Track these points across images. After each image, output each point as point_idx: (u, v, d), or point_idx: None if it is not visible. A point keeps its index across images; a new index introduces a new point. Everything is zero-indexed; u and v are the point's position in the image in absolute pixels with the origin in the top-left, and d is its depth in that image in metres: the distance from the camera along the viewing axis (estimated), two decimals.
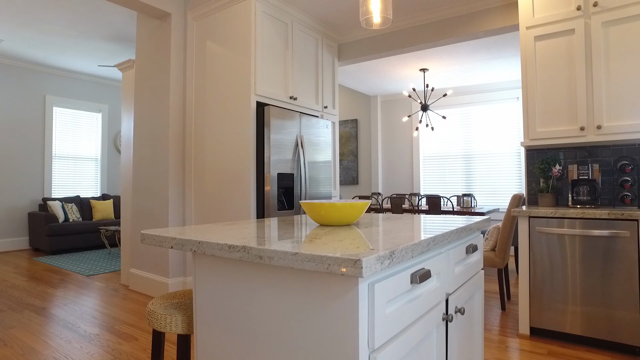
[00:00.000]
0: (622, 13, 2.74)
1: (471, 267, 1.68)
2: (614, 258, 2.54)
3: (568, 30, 2.93)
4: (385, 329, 0.99)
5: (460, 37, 3.89)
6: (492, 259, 3.37)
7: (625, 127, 2.72)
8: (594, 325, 2.60)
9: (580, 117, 2.85)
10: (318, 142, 3.99)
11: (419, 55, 5.14)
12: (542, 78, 3.01)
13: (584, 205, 2.86)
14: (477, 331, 1.82)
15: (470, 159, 6.50)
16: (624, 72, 2.74)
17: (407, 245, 1.05)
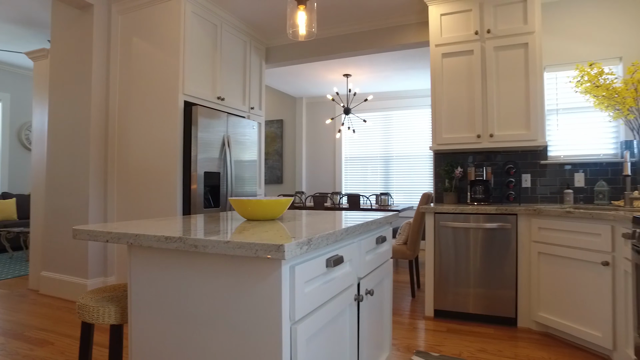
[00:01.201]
0: (508, 41, 3.22)
1: (381, 256, 1.94)
2: (501, 247, 2.99)
3: (468, 51, 3.36)
4: (304, 305, 1.17)
5: (380, 48, 4.23)
6: (404, 251, 3.73)
7: (511, 136, 3.20)
8: (484, 304, 3.03)
9: (477, 126, 3.30)
10: (244, 142, 4.10)
11: (343, 62, 5.44)
12: (448, 90, 3.42)
13: (480, 202, 3.31)
14: (386, 311, 2.09)
15: (388, 160, 6.98)
16: (510, 90, 3.22)
17: (322, 234, 1.24)
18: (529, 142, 3.15)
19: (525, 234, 2.94)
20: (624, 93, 2.87)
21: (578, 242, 2.57)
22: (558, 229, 2.71)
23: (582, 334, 2.55)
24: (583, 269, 2.56)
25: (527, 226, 2.94)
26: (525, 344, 2.69)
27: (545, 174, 3.46)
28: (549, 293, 2.79)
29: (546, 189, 3.45)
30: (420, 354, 2.53)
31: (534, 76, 3.15)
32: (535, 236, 2.87)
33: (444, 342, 2.73)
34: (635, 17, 3.27)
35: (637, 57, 3.25)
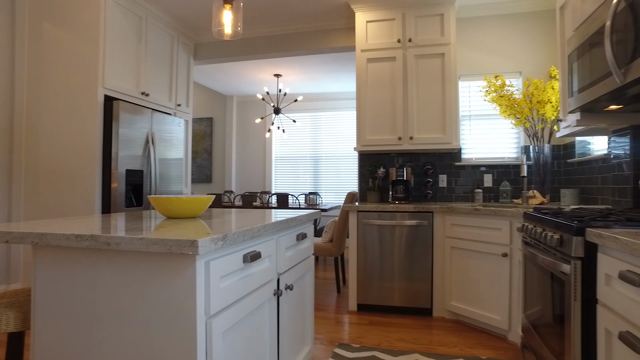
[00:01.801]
0: (427, 50, 3.46)
1: (302, 252, 2.00)
2: (419, 242, 3.20)
3: (391, 58, 3.55)
4: (220, 299, 1.20)
5: (309, 50, 4.32)
6: (329, 249, 3.85)
7: (429, 139, 3.44)
8: (404, 297, 3.23)
9: (398, 129, 3.50)
10: (170, 139, 3.98)
11: (273, 62, 5.47)
12: (372, 94, 3.59)
13: (400, 201, 3.51)
14: (308, 306, 2.16)
15: (318, 160, 7.12)
16: (428, 96, 3.46)
17: (239, 230, 1.28)
18: (444, 145, 3.41)
19: (440, 230, 3.18)
20: (522, 104, 3.21)
21: (484, 237, 2.84)
22: (468, 225, 2.96)
23: (486, 318, 2.82)
24: (487, 261, 2.82)
25: (442, 223, 3.18)
26: (439, 331, 2.91)
27: (460, 174, 3.76)
28: (459, 284, 3.04)
29: (460, 189, 3.75)
30: (342, 346, 2.64)
31: (450, 84, 3.41)
32: (449, 232, 3.11)
33: (365, 334, 2.87)
34: (534, 38, 3.66)
35: (533, 72, 3.65)
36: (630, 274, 1.14)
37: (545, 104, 3.13)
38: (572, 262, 1.48)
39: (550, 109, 3.13)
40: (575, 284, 1.46)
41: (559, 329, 1.62)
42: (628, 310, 1.17)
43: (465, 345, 2.67)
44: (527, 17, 3.69)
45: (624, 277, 1.16)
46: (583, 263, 1.45)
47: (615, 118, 2.15)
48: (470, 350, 2.59)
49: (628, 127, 2.24)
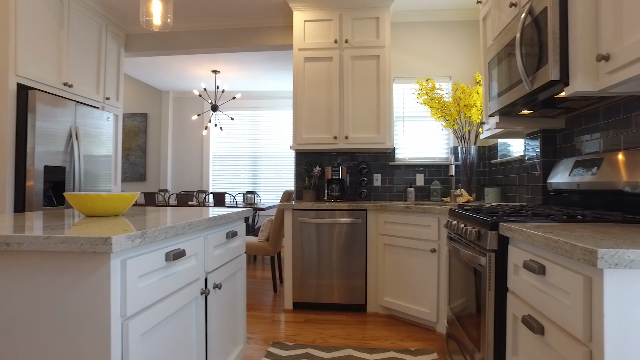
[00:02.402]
0: (363, 52, 3.55)
1: (232, 251, 1.97)
2: (353, 240, 3.27)
3: (328, 58, 3.60)
4: (138, 300, 1.14)
5: (247, 47, 4.26)
6: (265, 248, 3.83)
7: (364, 139, 3.52)
8: (339, 294, 3.28)
9: (334, 128, 3.55)
10: (98, 135, 3.75)
11: (211, 57, 5.33)
12: (308, 93, 3.61)
13: (336, 199, 3.57)
14: (240, 305, 2.13)
15: (257, 159, 7.05)
16: (364, 96, 3.55)
17: (160, 227, 1.23)
18: (379, 145, 3.51)
19: (373, 227, 3.27)
20: (451, 106, 3.39)
21: (414, 233, 2.96)
22: (400, 223, 3.07)
23: (416, 312, 2.94)
24: (417, 257, 2.95)
25: (375, 221, 3.27)
26: (372, 326, 2.99)
27: (394, 173, 3.89)
28: (392, 280, 3.15)
29: (394, 187, 3.88)
30: (277, 344, 2.63)
31: (384, 86, 3.52)
32: (382, 229, 3.21)
33: (300, 332, 2.88)
34: (462, 45, 3.88)
35: (462, 77, 3.87)
36: (531, 262, 1.24)
37: (471, 108, 3.33)
38: (487, 255, 1.58)
39: (475, 113, 3.33)
40: (490, 275, 1.57)
41: (477, 317, 1.73)
42: (529, 295, 1.28)
43: (396, 338, 2.77)
44: (457, 26, 3.91)
45: (527, 266, 1.26)
46: (497, 255, 1.56)
47: (528, 122, 2.33)
48: (401, 343, 2.68)
49: (539, 130, 2.45)
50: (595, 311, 0.96)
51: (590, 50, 1.49)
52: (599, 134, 2.01)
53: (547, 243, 1.13)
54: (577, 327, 1.01)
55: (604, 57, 1.39)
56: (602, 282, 0.94)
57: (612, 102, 1.91)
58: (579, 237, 1.08)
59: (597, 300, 0.96)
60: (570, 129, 2.28)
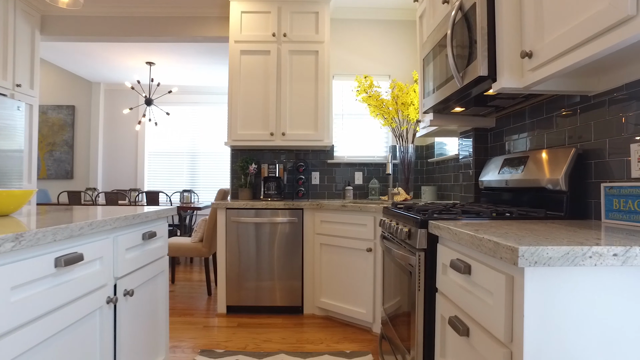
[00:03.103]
0: (302, 47, 3.45)
1: (150, 253, 1.79)
2: (289, 240, 3.16)
3: (266, 51, 3.47)
4: (9, 317, 0.96)
5: (182, 37, 4.01)
6: (199, 249, 3.62)
7: (302, 136, 3.43)
8: (275, 296, 3.16)
9: (271, 124, 3.42)
10: (5, 127, 3.35)
11: (145, 47, 5.00)
12: (245, 87, 3.46)
13: (272, 198, 3.45)
14: (161, 311, 1.95)
15: (195, 156, 6.75)
16: (302, 92, 3.45)
17: (46, 229, 1.05)
18: (317, 142, 3.43)
19: (310, 227, 3.18)
20: (389, 104, 3.39)
21: (351, 233, 2.91)
22: (336, 222, 3.01)
23: (353, 312, 2.89)
24: (354, 256, 2.90)
25: (312, 219, 3.19)
26: (308, 329, 2.90)
27: (332, 172, 3.83)
28: (328, 280, 3.08)
29: (332, 186, 3.82)
30: (205, 352, 2.46)
31: (323, 82, 3.44)
32: (318, 229, 3.13)
33: (232, 337, 2.73)
34: (401, 45, 3.91)
35: (400, 76, 3.89)
36: (458, 262, 1.20)
37: (408, 106, 3.34)
38: (417, 254, 1.54)
39: (413, 111, 3.35)
40: (419, 275, 1.53)
41: (408, 318, 1.68)
42: (457, 296, 1.24)
43: (332, 340, 2.70)
44: (396, 25, 3.92)
45: (454, 265, 1.22)
46: (426, 254, 1.52)
47: (461, 120, 2.35)
48: (336, 345, 2.62)
49: (471, 129, 2.48)
50: (517, 311, 0.93)
51: (515, 46, 1.49)
52: (526, 133, 2.05)
53: (472, 241, 1.09)
54: (499, 328, 0.98)
55: (527, 53, 1.39)
56: (523, 281, 0.90)
57: (536, 102, 1.95)
58: (503, 235, 1.05)
59: (517, 300, 0.92)
60: (500, 128, 2.32)
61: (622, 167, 1.44)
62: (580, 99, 1.65)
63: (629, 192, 1.38)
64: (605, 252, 0.89)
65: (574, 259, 0.88)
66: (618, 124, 1.46)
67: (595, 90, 1.53)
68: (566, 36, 1.22)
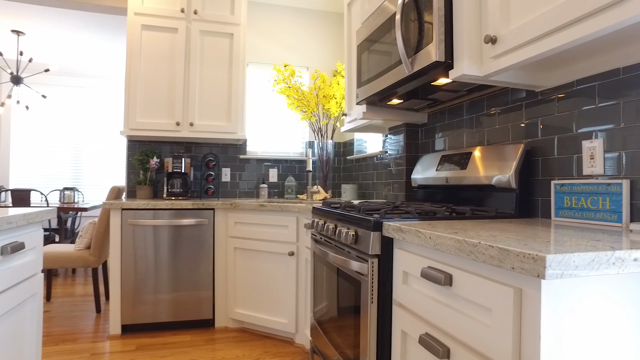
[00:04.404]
0: (215, 27, 3.07)
1: (13, 273, 1.32)
2: (198, 244, 2.77)
3: (172, 29, 3.01)
4: None
5: (63, 2, 3.33)
6: (85, 258, 3.02)
7: (212, 127, 3.05)
8: (181, 309, 2.74)
9: (177, 112, 2.98)
10: None
11: (11, 12, 4.10)
12: (146, 68, 2.96)
13: (177, 196, 3.01)
14: (31, 344, 1.47)
15: (80, 148, 5.82)
16: (214, 79, 3.07)
17: None
18: (229, 135, 3.08)
19: (222, 229, 2.83)
20: (309, 97, 3.18)
21: (270, 235, 2.63)
22: (253, 223, 2.71)
23: (272, 323, 2.62)
24: (273, 261, 2.62)
25: (224, 221, 2.84)
26: (222, 345, 2.55)
27: (245, 168, 3.50)
28: (244, 288, 2.76)
29: (245, 184, 3.50)
30: None
31: (237, 69, 3.10)
32: (232, 231, 2.79)
33: None
34: (322, 36, 3.73)
35: (320, 69, 3.72)
36: (433, 271, 1.02)
37: (330, 99, 3.16)
38: (369, 261, 1.33)
39: (334, 105, 3.18)
40: (373, 285, 1.32)
41: (352, 332, 1.47)
42: (427, 310, 1.06)
43: (250, 357, 2.39)
44: (317, 15, 3.73)
45: (427, 275, 1.03)
46: (380, 261, 1.32)
47: (394, 114, 2.23)
48: None
49: (402, 125, 2.38)
50: (527, 331, 0.76)
51: (476, 30, 1.37)
52: (464, 129, 1.99)
53: (460, 247, 0.91)
54: (502, 351, 0.80)
55: (492, 39, 1.27)
56: (539, 295, 0.73)
57: (476, 97, 1.89)
58: (494, 238, 0.89)
59: (529, 318, 0.76)
60: (433, 124, 2.25)
61: (571, 164, 1.40)
62: (526, 94, 1.60)
63: (581, 190, 1.34)
64: (627, 257, 0.76)
65: (598, 266, 0.74)
66: (568, 120, 1.42)
67: (545, 85, 1.49)
68: (538, 21, 1.11)
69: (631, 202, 1.21)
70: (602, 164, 1.29)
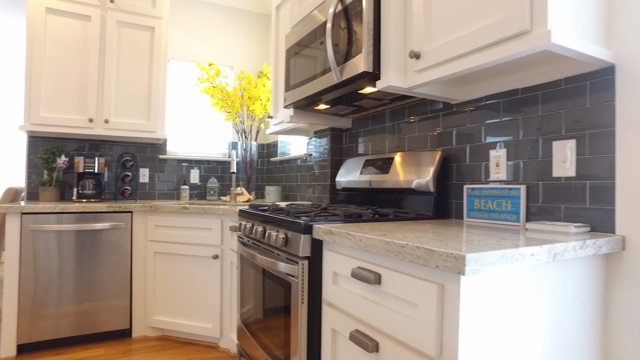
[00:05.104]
0: (134, 19, 2.89)
1: None
2: (113, 250, 2.59)
3: (85, 16, 2.78)
4: None
5: None
6: None
7: (130, 125, 2.87)
8: (93, 321, 2.54)
9: (90, 108, 2.76)
10: None
11: None
12: (52, 57, 2.70)
13: (90, 199, 2.79)
14: None
15: None
16: (132, 74, 2.90)
17: None
18: (148, 134, 2.93)
19: (141, 233, 2.68)
20: (233, 97, 3.14)
21: (193, 238, 2.55)
22: (175, 226, 2.60)
23: (196, 329, 2.54)
24: (197, 265, 2.55)
25: (144, 224, 2.69)
26: (140, 356, 2.41)
27: (164, 169, 3.34)
28: (165, 294, 2.64)
29: (164, 185, 3.34)
30: None
31: (158, 65, 2.96)
32: (152, 235, 2.66)
33: None
34: (248, 35, 3.69)
35: (245, 69, 3.68)
36: (363, 271, 1.08)
37: (255, 101, 3.15)
38: (299, 263, 1.36)
39: (259, 107, 3.18)
40: (303, 286, 1.36)
41: (282, 331, 1.50)
42: (357, 308, 1.12)
43: None
44: (244, 15, 3.68)
45: (357, 275, 1.09)
46: (310, 263, 1.36)
47: (321, 119, 2.29)
48: None
49: (328, 129, 2.45)
50: (448, 323, 0.85)
51: (402, 45, 1.47)
52: (386, 135, 2.11)
53: (389, 248, 0.98)
54: (426, 342, 0.88)
55: (416, 54, 1.38)
56: (458, 290, 0.82)
57: (398, 106, 2.02)
58: (419, 239, 0.97)
59: (450, 310, 0.84)
60: (357, 129, 2.35)
61: (480, 170, 1.57)
62: (443, 105, 1.76)
63: (489, 193, 1.51)
64: (526, 253, 0.88)
65: (505, 261, 0.85)
66: (478, 131, 1.58)
67: (460, 99, 1.64)
68: (456, 43, 1.23)
69: (527, 204, 1.38)
70: (505, 171, 1.47)
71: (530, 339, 0.94)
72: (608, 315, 1.13)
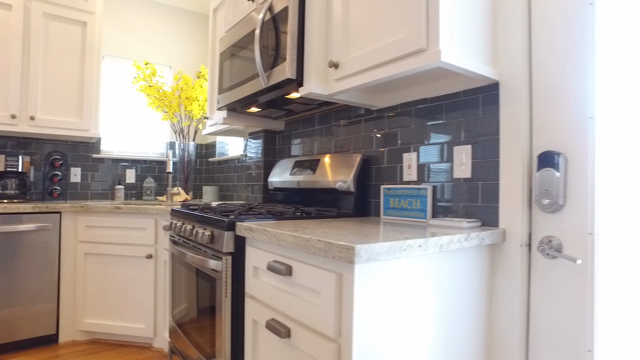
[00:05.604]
0: (63, 12, 2.80)
1: None
2: (40, 252, 2.50)
3: (5, 4, 2.66)
4: None
5: None
6: None
7: (60, 123, 2.78)
8: (14, 328, 2.44)
9: (12, 103, 2.65)
10: None
11: None
12: None
13: (12, 199, 2.67)
14: None
15: None
16: (61, 70, 2.81)
17: None
18: (81, 132, 2.85)
19: (70, 234, 2.61)
20: (171, 97, 3.12)
21: (127, 238, 2.52)
22: (107, 226, 2.56)
23: (129, 330, 2.51)
24: (130, 265, 2.53)
25: (73, 225, 2.62)
26: None
27: (98, 168, 3.26)
28: (96, 296, 2.58)
29: (98, 185, 3.25)
30: None
31: (91, 61, 2.89)
32: (82, 236, 2.60)
33: None
34: (186, 35, 3.67)
35: (183, 69, 3.66)
36: (276, 264, 1.17)
37: (193, 101, 3.15)
38: (223, 258, 1.43)
39: (197, 107, 3.18)
40: (227, 280, 1.43)
41: (209, 327, 1.55)
42: (273, 298, 1.21)
43: None
44: (183, 14, 3.66)
45: (272, 268, 1.18)
46: (233, 258, 1.44)
47: (254, 121, 2.36)
48: None
49: (262, 131, 2.52)
50: (345, 307, 0.96)
51: (323, 55, 1.58)
52: (315, 137, 2.22)
53: (297, 242, 1.07)
54: (327, 325, 0.99)
55: (335, 64, 1.49)
56: (353, 277, 0.94)
57: (326, 110, 2.14)
58: (326, 235, 1.08)
59: (346, 296, 0.95)
60: (289, 132, 2.44)
61: (396, 171, 1.71)
62: (365, 111, 1.89)
63: (402, 193, 1.65)
64: (413, 244, 1.02)
65: (394, 252, 0.97)
66: (394, 136, 1.73)
67: (378, 105, 1.78)
68: (369, 55, 1.36)
69: (434, 202, 1.54)
70: (416, 172, 1.62)
71: (420, 321, 1.07)
72: (492, 299, 1.31)
